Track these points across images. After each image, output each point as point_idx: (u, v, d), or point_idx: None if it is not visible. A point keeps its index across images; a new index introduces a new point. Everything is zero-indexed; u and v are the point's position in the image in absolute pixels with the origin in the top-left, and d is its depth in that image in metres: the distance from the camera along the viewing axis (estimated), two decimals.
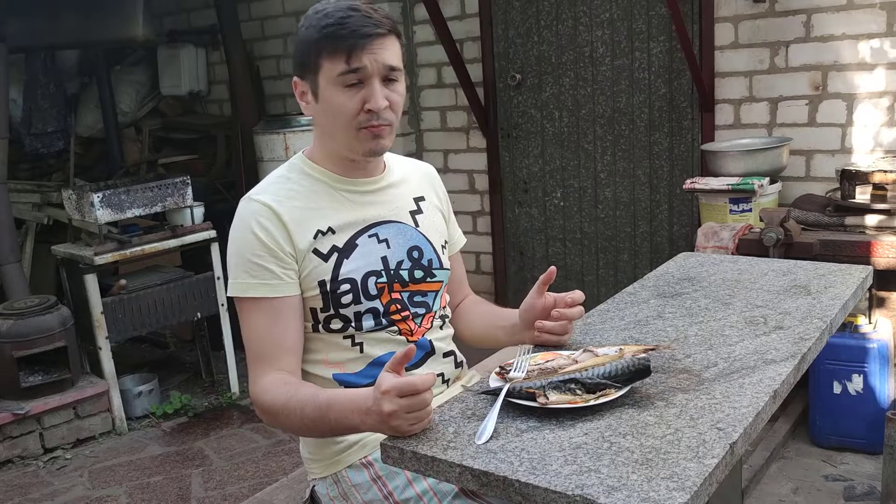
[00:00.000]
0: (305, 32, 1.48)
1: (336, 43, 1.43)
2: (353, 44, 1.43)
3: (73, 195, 3.73)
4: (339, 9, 1.45)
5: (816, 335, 1.51)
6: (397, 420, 1.21)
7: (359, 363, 1.55)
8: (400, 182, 1.65)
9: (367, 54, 1.44)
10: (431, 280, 1.61)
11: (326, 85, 1.47)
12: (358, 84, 1.45)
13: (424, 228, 1.64)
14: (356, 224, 1.55)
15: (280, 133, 4.15)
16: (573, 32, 3.98)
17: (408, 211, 1.64)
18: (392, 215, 1.60)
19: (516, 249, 4.45)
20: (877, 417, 2.80)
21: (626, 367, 1.31)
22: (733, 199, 3.20)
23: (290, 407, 1.40)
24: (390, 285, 1.55)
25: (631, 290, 1.89)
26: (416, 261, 1.60)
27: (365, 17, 1.44)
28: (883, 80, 3.19)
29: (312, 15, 1.49)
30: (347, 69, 1.44)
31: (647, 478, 1.06)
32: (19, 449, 3.45)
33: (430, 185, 1.74)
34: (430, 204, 1.69)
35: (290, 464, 3.26)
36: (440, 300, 1.65)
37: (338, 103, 1.47)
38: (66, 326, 3.53)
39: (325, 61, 1.45)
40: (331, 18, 1.44)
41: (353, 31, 1.43)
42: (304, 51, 1.49)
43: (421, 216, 1.65)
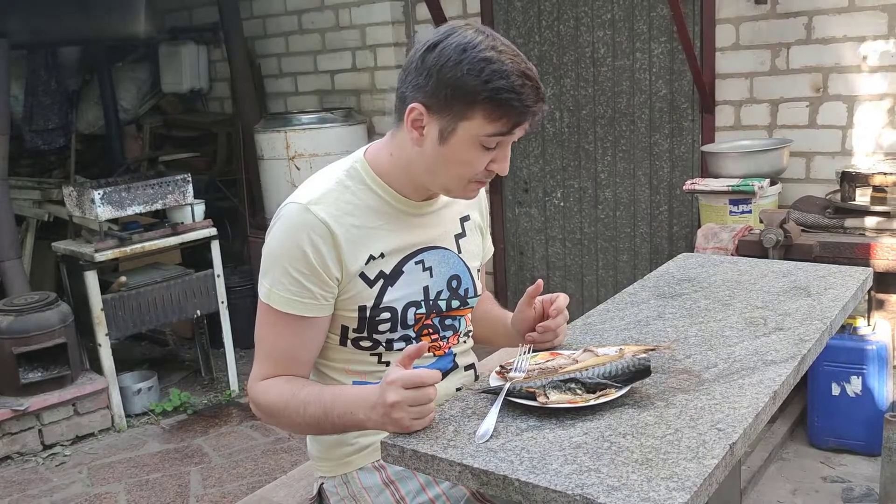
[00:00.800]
0: (463, 74, 1.31)
1: (503, 111, 1.32)
2: (520, 120, 1.34)
3: (74, 192, 3.73)
4: (514, 72, 1.31)
5: (816, 336, 1.51)
6: (400, 412, 1.22)
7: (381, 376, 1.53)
8: (451, 202, 1.59)
9: (523, 128, 1.37)
10: (464, 307, 1.60)
11: (467, 136, 1.35)
12: (495, 146, 1.38)
13: (465, 254, 1.61)
14: (406, 248, 1.50)
15: (281, 131, 4.15)
16: (574, 33, 3.99)
17: (453, 235, 1.59)
18: (439, 240, 1.55)
19: (516, 249, 4.45)
20: (875, 419, 2.80)
21: (626, 367, 1.31)
22: (733, 200, 3.20)
23: (290, 406, 1.40)
24: (427, 315, 1.53)
25: (631, 290, 1.89)
26: (454, 290, 1.57)
27: (535, 90, 1.34)
28: (884, 82, 3.19)
29: (473, 55, 1.31)
30: (500, 136, 1.35)
31: (647, 478, 1.06)
32: (18, 445, 3.46)
33: (476, 199, 1.68)
34: (472, 224, 1.65)
35: (289, 462, 3.26)
36: (466, 320, 1.65)
37: (468, 159, 1.38)
38: (66, 323, 3.53)
39: (478, 116, 1.33)
40: (503, 80, 1.30)
41: (526, 106, 1.33)
42: (455, 92, 1.32)
43: (464, 240, 1.61)
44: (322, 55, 4.83)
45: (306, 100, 4.96)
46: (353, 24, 4.62)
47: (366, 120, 4.50)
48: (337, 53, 4.74)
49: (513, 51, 1.35)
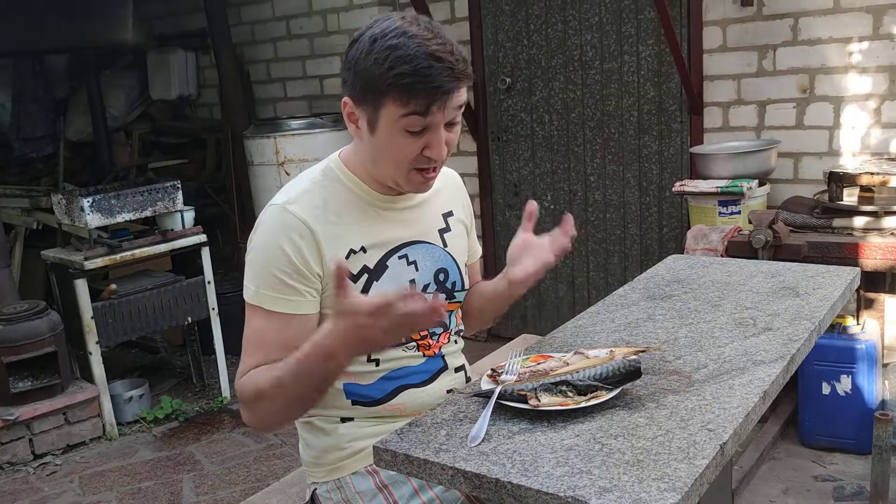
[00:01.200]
0: (371, 64, 1.33)
1: (411, 95, 1.32)
2: (431, 101, 1.32)
3: (63, 200, 3.72)
4: (419, 55, 1.30)
5: (805, 336, 1.52)
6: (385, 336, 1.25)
7: (372, 376, 1.52)
8: (432, 197, 1.60)
9: (440, 109, 1.34)
10: (452, 302, 1.60)
11: (387, 124, 1.37)
12: (422, 130, 1.37)
13: (451, 248, 1.61)
14: (388, 244, 1.51)
15: (270, 137, 4.15)
16: (563, 36, 4.00)
17: (437, 230, 1.60)
18: (422, 235, 1.57)
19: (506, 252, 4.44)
20: (865, 418, 2.82)
21: (616, 368, 1.32)
22: (722, 201, 3.22)
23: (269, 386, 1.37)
24: None
25: (621, 292, 1.90)
26: (442, 283, 1.58)
27: (447, 69, 1.32)
28: (869, 82, 3.21)
29: (381, 44, 1.33)
30: (417, 118, 1.34)
31: (638, 479, 1.07)
32: (9, 455, 3.44)
33: (458, 195, 1.70)
34: (456, 219, 1.66)
35: (282, 468, 3.26)
36: (456, 317, 1.65)
37: (396, 146, 1.38)
38: (56, 331, 3.52)
39: (391, 103, 1.34)
40: (408, 65, 1.30)
41: (434, 86, 1.31)
42: (367, 83, 1.35)
43: (449, 234, 1.62)
44: (311, 60, 4.83)
45: (295, 105, 4.96)
46: (341, 29, 4.63)
47: None
48: (325, 58, 4.74)
49: (428, 34, 1.34)
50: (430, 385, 1.56)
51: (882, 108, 3.21)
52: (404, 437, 1.24)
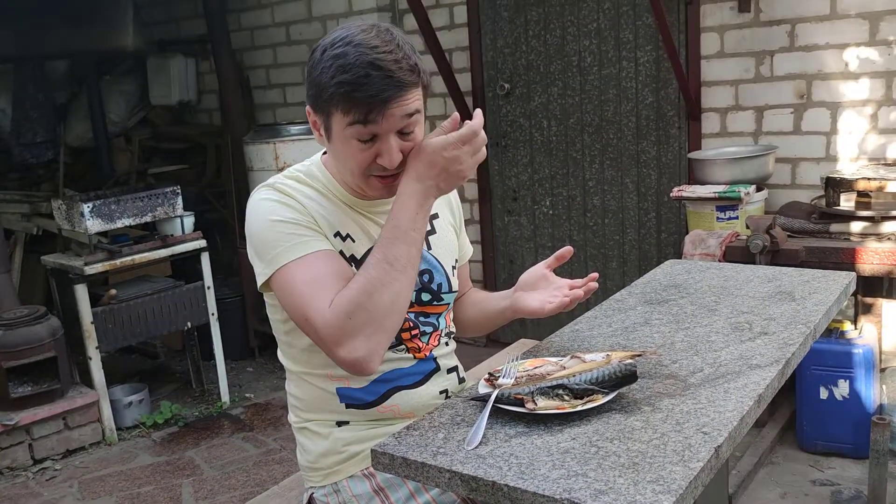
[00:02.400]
0: (318, 73, 1.35)
1: (350, 104, 1.33)
2: (370, 109, 1.32)
3: (63, 205, 3.73)
4: (359, 64, 1.31)
5: (800, 340, 1.53)
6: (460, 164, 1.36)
7: (365, 379, 1.52)
8: None
9: (383, 117, 1.34)
10: (438, 304, 1.60)
11: (338, 132, 1.38)
12: (372, 138, 1.37)
13: (437, 251, 1.61)
14: (373, 238, 1.50)
15: (270, 143, 4.16)
16: (561, 42, 4.02)
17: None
18: None
19: (506, 258, 4.47)
20: (863, 422, 2.83)
21: (613, 372, 1.33)
22: (720, 206, 3.23)
23: (368, 285, 1.31)
24: None
25: (618, 297, 1.91)
26: (426, 284, 1.58)
27: (386, 78, 1.31)
28: (866, 88, 3.23)
29: (328, 53, 1.34)
30: (361, 128, 1.35)
31: (633, 481, 1.08)
32: (8, 460, 3.44)
33: (445, 198, 1.69)
34: (443, 222, 1.66)
35: (281, 472, 3.26)
36: (446, 319, 1.65)
37: (349, 153, 1.39)
38: (56, 337, 3.52)
39: (337, 112, 1.35)
40: (347, 73, 1.31)
41: (371, 95, 1.31)
42: (316, 91, 1.37)
43: (434, 237, 1.62)
44: None
45: (295, 111, 4.97)
46: None
47: None
48: None
49: (374, 43, 1.34)
50: (422, 386, 1.56)
51: (879, 113, 3.23)
52: (402, 441, 1.25)
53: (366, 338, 1.32)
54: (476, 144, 1.37)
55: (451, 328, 1.68)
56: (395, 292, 1.33)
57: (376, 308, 1.32)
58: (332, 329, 1.32)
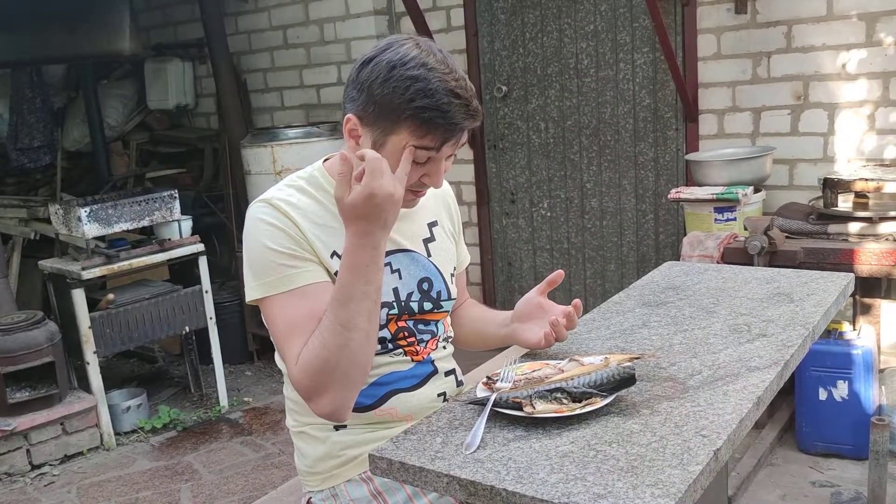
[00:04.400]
0: (389, 91, 1.34)
1: (427, 129, 1.34)
2: (447, 137, 1.35)
3: (61, 210, 3.72)
4: (440, 90, 1.32)
5: (799, 342, 1.53)
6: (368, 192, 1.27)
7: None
8: (416, 208, 1.59)
9: (452, 144, 1.38)
10: (438, 311, 1.61)
11: (394, 151, 1.37)
12: (426, 161, 1.40)
13: (436, 258, 1.61)
14: None
15: (267, 146, 4.15)
16: (558, 44, 4.02)
17: (422, 239, 1.61)
18: (406, 244, 1.57)
19: (504, 260, 4.46)
20: (862, 423, 2.82)
21: (611, 375, 1.32)
22: (718, 208, 3.23)
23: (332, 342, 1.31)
24: (399, 316, 1.54)
25: (616, 299, 1.90)
26: (426, 293, 1.58)
27: (464, 108, 1.34)
28: (863, 89, 3.23)
29: (401, 73, 1.33)
30: (426, 153, 1.37)
31: (632, 485, 1.07)
32: (6, 466, 3.43)
33: (444, 204, 1.70)
34: (442, 229, 1.66)
35: (280, 477, 3.26)
36: (444, 324, 1.65)
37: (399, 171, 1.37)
38: (54, 341, 3.52)
39: (405, 133, 1.35)
40: (429, 98, 1.32)
41: (452, 123, 1.34)
42: (382, 110, 1.35)
43: (433, 244, 1.62)
44: (308, 70, 4.85)
45: (292, 114, 4.97)
46: (338, 39, 4.64)
47: None
48: (322, 68, 4.76)
49: (445, 68, 1.36)
50: (420, 389, 1.56)
51: (876, 114, 3.23)
52: (399, 445, 1.25)
53: (330, 395, 1.35)
54: (371, 166, 1.27)
55: (450, 333, 1.69)
56: (353, 351, 1.33)
57: (335, 370, 1.33)
58: (300, 385, 1.37)
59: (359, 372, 1.37)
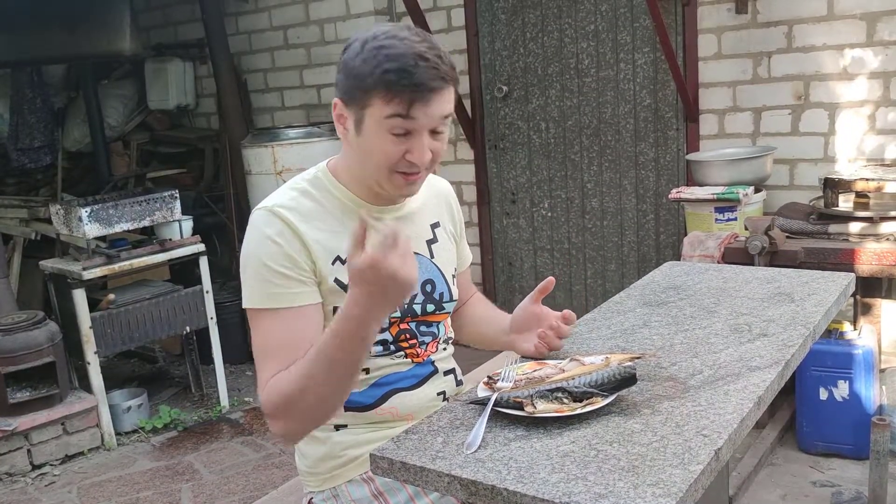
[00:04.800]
0: (360, 63, 1.35)
1: (394, 92, 1.33)
2: (414, 98, 1.34)
3: (61, 210, 3.72)
4: (405, 53, 1.33)
5: (800, 342, 1.53)
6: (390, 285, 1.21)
7: (363, 384, 1.53)
8: (420, 208, 1.61)
9: (424, 109, 1.35)
10: (440, 312, 1.61)
11: (372, 124, 1.38)
12: (405, 133, 1.38)
13: (438, 259, 1.62)
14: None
15: (268, 146, 4.16)
16: (559, 44, 4.02)
17: (425, 240, 1.60)
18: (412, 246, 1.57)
19: (504, 260, 4.46)
20: (863, 423, 2.82)
21: (612, 375, 1.32)
22: (719, 208, 3.23)
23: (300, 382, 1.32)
24: (402, 318, 1.54)
25: (617, 299, 1.90)
26: (429, 294, 1.58)
27: (432, 70, 1.33)
28: (864, 89, 3.23)
29: (371, 46, 1.35)
30: (399, 118, 1.35)
31: (633, 484, 1.07)
32: (7, 466, 3.43)
33: (446, 205, 1.70)
34: (443, 230, 1.67)
35: (280, 477, 3.26)
36: (445, 326, 1.66)
37: (380, 146, 1.39)
38: (55, 342, 3.52)
39: (377, 101, 1.35)
40: (394, 63, 1.32)
41: (416, 84, 1.32)
42: (355, 82, 1.37)
43: (436, 245, 1.62)
44: (308, 70, 4.85)
45: (293, 114, 4.97)
46: (338, 39, 4.64)
47: None
48: (323, 68, 4.76)
49: (417, 38, 1.36)
50: (420, 388, 1.57)
51: (876, 114, 3.23)
52: (401, 445, 1.25)
53: (285, 425, 1.37)
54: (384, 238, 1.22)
55: (450, 334, 1.69)
56: (316, 401, 1.33)
57: (295, 409, 1.34)
58: (263, 405, 1.38)
59: (319, 415, 1.39)
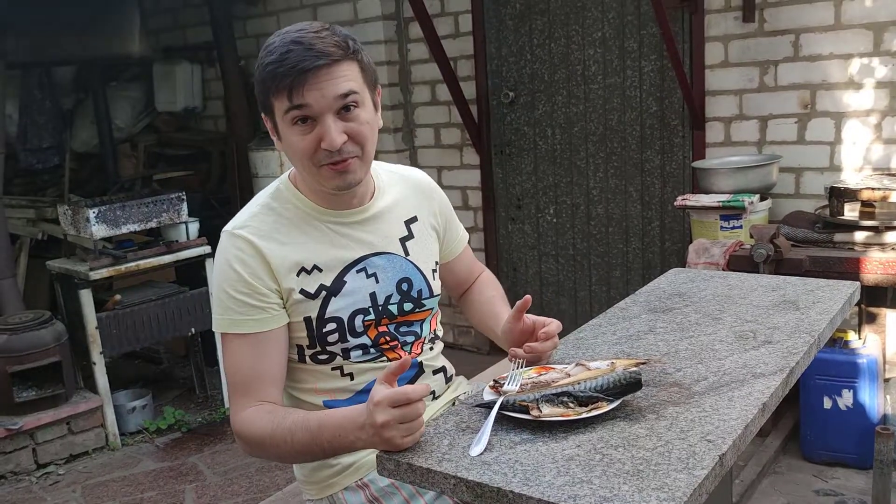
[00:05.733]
0: (257, 70, 1.41)
1: (277, 82, 1.36)
2: (293, 81, 1.34)
3: (69, 211, 3.74)
4: (283, 43, 1.36)
5: (804, 349, 1.53)
6: (391, 431, 1.21)
7: (348, 391, 1.54)
8: (391, 206, 1.60)
9: (310, 90, 1.35)
10: (420, 310, 1.60)
11: (281, 124, 1.41)
12: (310, 121, 1.38)
13: (415, 256, 1.60)
14: (344, 260, 1.50)
15: (275, 149, 4.17)
16: (566, 51, 4.03)
17: (398, 239, 1.59)
18: (382, 246, 1.55)
19: (509, 266, 4.47)
20: (867, 432, 2.82)
21: (617, 380, 1.33)
22: (724, 215, 3.23)
23: (277, 435, 1.37)
24: (378, 321, 1.53)
25: (623, 305, 1.91)
26: (406, 293, 1.57)
27: (306, 50, 1.34)
28: (870, 98, 3.24)
29: (262, 51, 1.41)
30: (291, 107, 1.37)
31: (637, 489, 1.08)
32: (12, 464, 3.45)
33: (424, 197, 1.68)
34: (422, 225, 1.64)
35: (284, 479, 3.26)
36: (430, 324, 1.65)
37: (292, 142, 1.41)
38: (61, 341, 3.53)
39: (273, 100, 1.39)
40: (273, 55, 1.36)
41: (291, 67, 1.34)
42: (258, 89, 1.43)
43: (412, 242, 1.60)
44: None
45: None
46: None
47: None
48: None
49: (295, 29, 1.39)
50: None
51: (883, 123, 3.23)
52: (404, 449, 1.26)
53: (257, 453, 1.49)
54: (407, 414, 1.21)
55: (437, 331, 1.68)
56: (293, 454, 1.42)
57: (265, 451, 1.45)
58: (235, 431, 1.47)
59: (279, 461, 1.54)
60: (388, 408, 1.21)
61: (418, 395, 1.22)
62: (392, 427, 1.21)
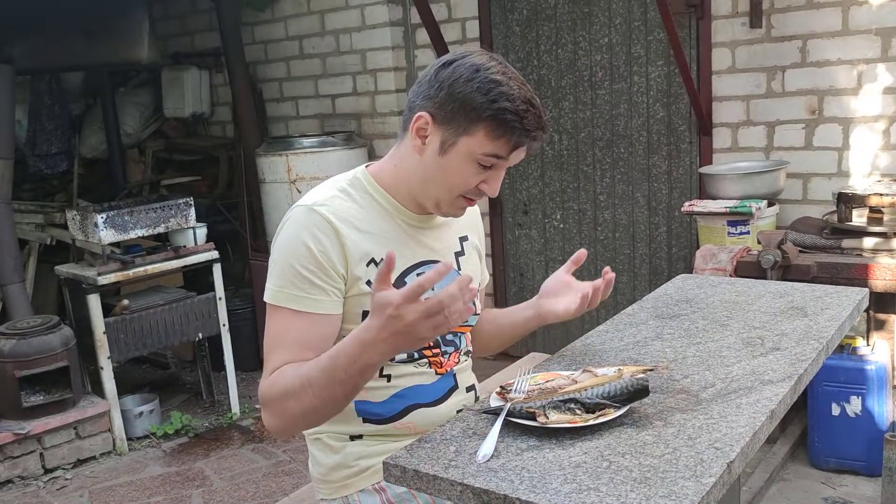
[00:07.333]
0: (472, 91, 1.38)
1: (504, 131, 1.39)
2: (519, 142, 1.41)
3: (77, 216, 3.76)
4: (520, 97, 1.39)
5: (813, 356, 1.53)
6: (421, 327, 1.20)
7: (384, 393, 1.53)
8: (450, 221, 1.63)
9: (519, 154, 1.44)
10: (464, 325, 1.63)
11: (464, 152, 1.41)
12: (490, 166, 1.44)
13: (464, 272, 1.64)
14: (408, 260, 1.52)
15: (282, 155, 4.19)
16: (573, 57, 4.03)
17: (453, 252, 1.63)
18: (440, 255, 1.58)
19: (516, 271, 4.47)
20: (875, 439, 2.81)
21: (624, 387, 1.33)
22: (731, 221, 3.23)
23: (295, 386, 1.34)
24: None
25: (630, 311, 1.91)
26: None
27: (538, 119, 1.41)
28: (878, 104, 3.23)
29: (484, 76, 1.39)
30: (496, 155, 1.41)
31: (645, 496, 1.08)
32: (20, 469, 3.46)
33: (473, 222, 1.73)
34: (471, 245, 1.69)
35: (291, 484, 3.26)
36: (466, 338, 1.67)
37: (461, 174, 1.43)
38: (69, 346, 3.54)
39: (480, 134, 1.39)
40: (509, 102, 1.37)
41: (526, 130, 1.40)
42: (461, 108, 1.39)
43: (463, 258, 1.65)
44: (323, 79, 4.88)
45: (307, 124, 5.00)
46: (353, 49, 4.67)
47: (366, 143, 4.53)
48: (338, 78, 4.79)
49: (521, 80, 1.43)
50: (441, 405, 1.57)
51: (891, 129, 3.22)
52: (413, 453, 1.26)
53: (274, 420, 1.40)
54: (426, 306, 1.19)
55: (469, 346, 1.70)
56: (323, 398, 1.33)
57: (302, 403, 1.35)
58: (263, 393, 1.40)
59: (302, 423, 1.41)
60: (408, 304, 1.19)
61: (431, 282, 1.20)
62: (420, 323, 1.20)
